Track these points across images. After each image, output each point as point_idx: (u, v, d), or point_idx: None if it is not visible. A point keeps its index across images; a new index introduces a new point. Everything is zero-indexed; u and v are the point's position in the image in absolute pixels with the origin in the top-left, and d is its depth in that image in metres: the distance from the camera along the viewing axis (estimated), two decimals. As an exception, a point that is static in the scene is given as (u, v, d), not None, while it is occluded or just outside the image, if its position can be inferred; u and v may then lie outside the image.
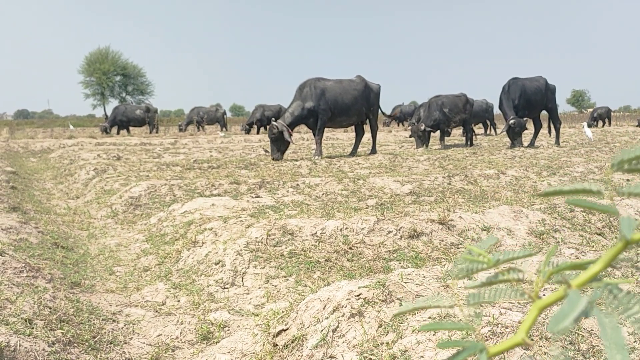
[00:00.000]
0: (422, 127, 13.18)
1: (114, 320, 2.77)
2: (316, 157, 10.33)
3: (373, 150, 11.62)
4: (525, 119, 12.39)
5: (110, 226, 5.29)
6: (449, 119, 13.69)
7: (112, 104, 50.75)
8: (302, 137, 19.77)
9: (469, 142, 14.08)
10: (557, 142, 13.51)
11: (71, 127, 34.42)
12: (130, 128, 24.57)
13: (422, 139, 13.23)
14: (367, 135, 13.81)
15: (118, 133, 23.79)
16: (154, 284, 3.42)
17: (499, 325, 1.90)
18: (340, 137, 19.70)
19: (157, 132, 23.95)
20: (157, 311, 2.96)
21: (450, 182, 6.81)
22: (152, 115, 23.95)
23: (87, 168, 8.82)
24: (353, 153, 11.44)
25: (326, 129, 10.99)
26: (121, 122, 23.59)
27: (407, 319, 2.11)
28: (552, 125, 13.88)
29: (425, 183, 6.61)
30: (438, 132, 14.17)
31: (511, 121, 12.30)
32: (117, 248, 4.42)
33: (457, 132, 23.92)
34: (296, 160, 9.95)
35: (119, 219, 5.48)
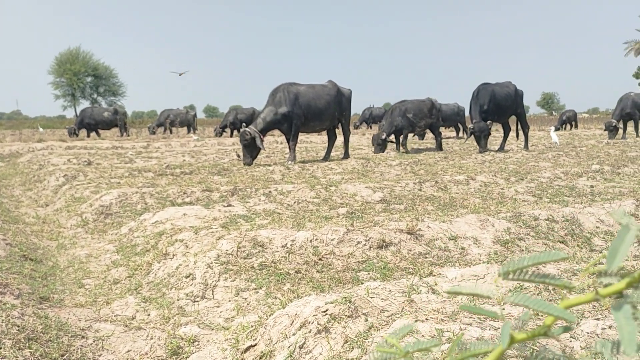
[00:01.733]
0: (383, 136, 13.39)
1: (83, 337, 2.77)
2: (289, 163, 10.37)
3: (346, 155, 11.72)
4: (488, 122, 12.63)
5: (80, 236, 5.26)
6: (413, 124, 13.88)
7: (83, 105, 50.19)
8: (275, 140, 19.78)
9: (439, 147, 14.28)
10: (526, 146, 13.79)
11: (40, 129, 33.87)
12: (100, 131, 24.31)
13: (381, 147, 13.40)
14: (340, 139, 13.93)
15: (88, 136, 23.49)
16: (124, 297, 3.42)
17: None
18: (314, 141, 19.77)
19: (127, 135, 23.72)
20: (126, 326, 2.97)
21: (421, 188, 6.92)
22: (121, 118, 23.75)
23: (56, 174, 8.71)
24: (326, 158, 11.51)
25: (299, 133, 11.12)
26: (89, 124, 23.35)
27: (372, 335, 2.17)
28: (520, 130, 14.16)
29: (396, 189, 6.71)
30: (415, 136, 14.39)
31: (470, 125, 12.61)
32: (87, 259, 4.40)
33: (430, 135, 24.19)
34: (269, 165, 9.98)
35: (89, 229, 5.45)
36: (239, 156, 11.32)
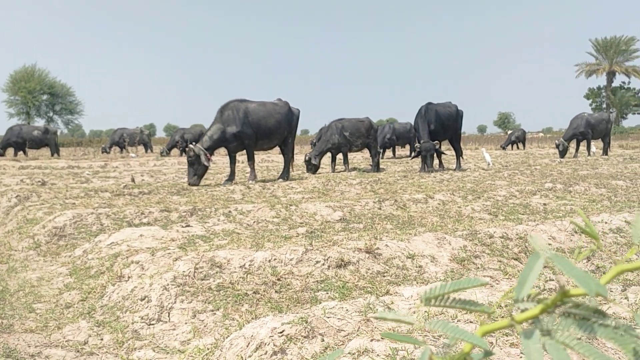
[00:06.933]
0: (307, 158, 13.41)
1: (31, 363, 2.68)
2: (250, 182, 10.32)
3: (285, 176, 11.32)
4: (435, 142, 12.79)
5: (32, 258, 5.10)
6: (350, 142, 13.91)
7: (39, 123, 48.98)
8: (237, 159, 19.67)
9: (375, 167, 14.19)
10: (459, 166, 13.93)
11: (-8, 148, 32.77)
12: (28, 150, 23.65)
13: (310, 167, 13.40)
14: (299, 158, 13.98)
15: (15, 155, 22.80)
16: (77, 321, 3.33)
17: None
18: (275, 160, 19.75)
19: (57, 155, 23.01)
20: (78, 351, 2.89)
21: (380, 207, 6.99)
22: (51, 137, 23.21)
23: (8, 195, 8.44)
24: (286, 177, 11.49)
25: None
26: (16, 143, 22.69)
27: (327, 355, 2.17)
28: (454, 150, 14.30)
29: (356, 208, 6.75)
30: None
31: (417, 145, 12.76)
32: (39, 283, 4.27)
33: (389, 154, 24.49)
34: (230, 184, 9.91)
35: (41, 251, 5.29)
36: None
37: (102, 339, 3.06)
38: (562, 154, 18.27)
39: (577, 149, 19.42)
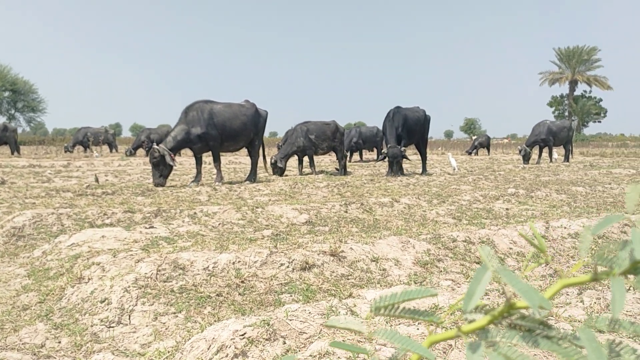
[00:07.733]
0: (273, 160, 13.40)
1: (-15, 367, 2.61)
2: (217, 183, 10.24)
3: (252, 177, 11.35)
4: (403, 148, 12.87)
5: (-11, 259, 4.96)
6: (315, 145, 13.88)
7: (-1, 121, 47.66)
8: (203, 160, 19.48)
9: (342, 170, 14.18)
10: (425, 170, 14.12)
11: (-50, 145, 31.76)
12: None
13: (276, 170, 13.41)
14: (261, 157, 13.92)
15: None
16: (34, 324, 3.25)
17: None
18: (243, 162, 19.65)
19: (18, 154, 22.54)
20: (35, 354, 2.82)
21: (346, 210, 7.02)
22: (10, 135, 22.71)
23: (-35, 194, 8.19)
24: (254, 179, 11.44)
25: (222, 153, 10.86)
26: None
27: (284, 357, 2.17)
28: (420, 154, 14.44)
29: (322, 211, 6.77)
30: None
31: (384, 150, 12.86)
32: (-5, 284, 4.15)
33: (356, 158, 24.62)
34: (196, 185, 9.81)
35: (-1, 252, 5.14)
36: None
37: (59, 342, 2.99)
38: (526, 159, 18.66)
39: (539, 156, 19.87)
